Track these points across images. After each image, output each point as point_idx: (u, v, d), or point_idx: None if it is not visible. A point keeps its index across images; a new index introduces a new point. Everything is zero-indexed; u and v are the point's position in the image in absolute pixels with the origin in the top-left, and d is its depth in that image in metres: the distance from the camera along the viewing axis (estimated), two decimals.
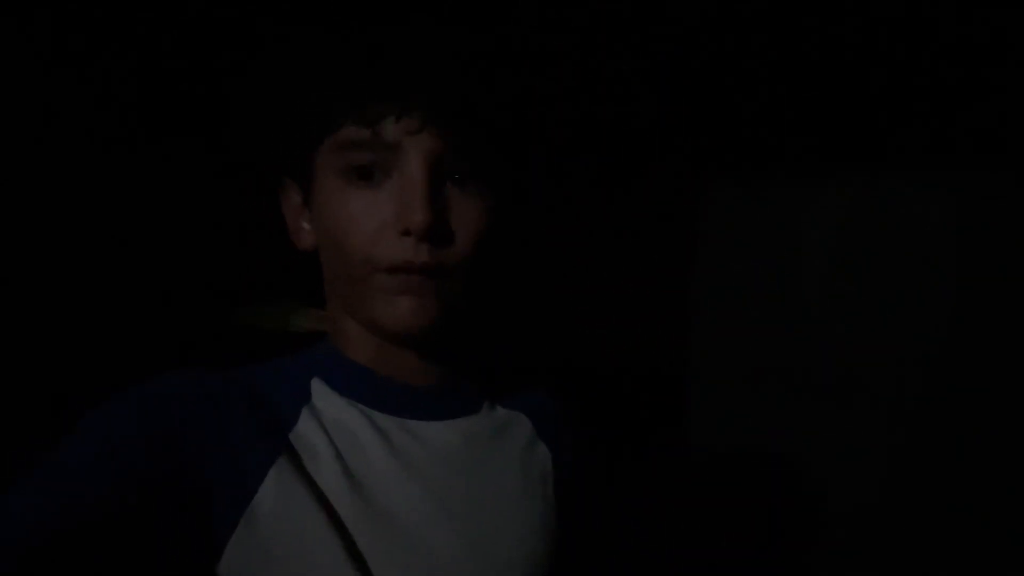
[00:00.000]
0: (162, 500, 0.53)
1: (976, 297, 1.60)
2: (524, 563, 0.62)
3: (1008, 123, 1.54)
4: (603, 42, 1.69)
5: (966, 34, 1.54)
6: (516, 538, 0.63)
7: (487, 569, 0.60)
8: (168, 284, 1.26)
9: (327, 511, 0.56)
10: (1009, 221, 1.58)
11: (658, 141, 1.84)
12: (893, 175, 1.68)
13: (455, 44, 0.61)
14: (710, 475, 1.86)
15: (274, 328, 1.52)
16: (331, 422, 0.61)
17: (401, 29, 0.60)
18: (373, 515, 0.58)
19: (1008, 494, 1.54)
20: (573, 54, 1.64)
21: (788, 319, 1.77)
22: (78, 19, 1.06)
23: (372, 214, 0.59)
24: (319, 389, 0.64)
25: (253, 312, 1.55)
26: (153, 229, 1.20)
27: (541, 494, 0.67)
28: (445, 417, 0.66)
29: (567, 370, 1.74)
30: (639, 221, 1.89)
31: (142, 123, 1.17)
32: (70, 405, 0.57)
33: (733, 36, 1.71)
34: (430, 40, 0.60)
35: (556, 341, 1.83)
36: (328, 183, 0.61)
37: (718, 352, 1.85)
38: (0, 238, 1.02)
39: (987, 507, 1.55)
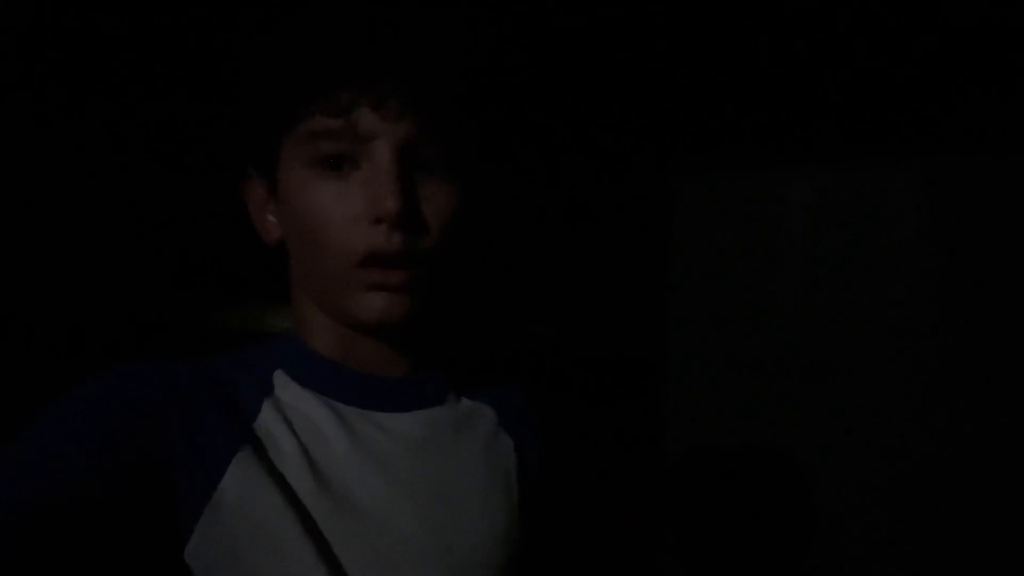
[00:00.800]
0: (125, 488, 0.54)
1: (950, 283, 1.62)
2: (488, 553, 0.62)
3: (978, 111, 1.57)
4: (575, 32, 1.69)
5: (932, 24, 1.56)
6: (479, 528, 0.63)
7: (451, 558, 0.60)
8: (141, 285, 1.24)
9: (291, 501, 0.57)
10: (980, 208, 1.60)
11: (632, 132, 1.85)
12: (865, 164, 1.71)
13: (425, 30, 0.60)
14: (688, 464, 1.87)
15: (249, 328, 1.51)
16: (294, 413, 0.61)
17: (370, 15, 0.59)
18: (337, 505, 0.58)
19: (991, 478, 1.56)
20: (547, 44, 1.64)
21: (764, 308, 1.79)
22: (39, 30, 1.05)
23: (343, 205, 0.58)
24: (282, 381, 0.64)
25: (228, 313, 1.54)
26: (123, 228, 1.19)
27: (504, 486, 0.67)
28: (410, 408, 0.66)
29: (545, 361, 1.75)
30: (615, 213, 1.89)
31: (100, 116, 1.15)
32: (39, 405, 0.57)
33: (705, 31, 1.72)
34: (401, 26, 0.59)
35: (532, 333, 1.84)
36: (295, 174, 0.60)
37: (696, 342, 1.86)
38: None
39: (972, 493, 1.58)
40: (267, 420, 0.61)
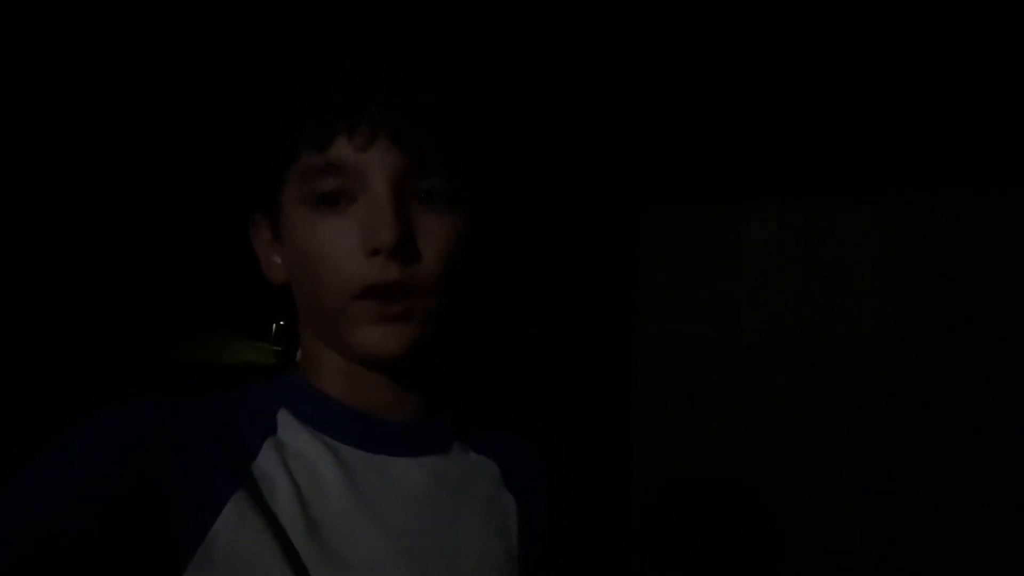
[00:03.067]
0: (121, 528, 0.53)
1: (914, 310, 1.68)
2: None
3: (941, 138, 1.63)
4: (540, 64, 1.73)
5: (894, 53, 1.63)
6: None
7: None
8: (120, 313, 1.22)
9: (283, 549, 0.56)
10: (946, 236, 1.66)
11: (598, 166, 1.89)
12: (827, 196, 1.77)
13: (412, 63, 0.61)
14: (655, 495, 1.89)
15: (210, 359, 1.50)
16: (293, 456, 0.61)
17: (355, 50, 0.60)
18: (328, 555, 0.57)
19: (964, 507, 1.61)
20: (514, 76, 1.67)
21: (728, 341, 1.82)
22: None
23: (340, 240, 0.58)
24: (285, 420, 0.63)
25: (191, 344, 1.52)
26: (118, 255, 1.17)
27: (504, 546, 0.67)
28: (414, 454, 0.65)
29: (512, 394, 1.75)
30: (581, 246, 1.92)
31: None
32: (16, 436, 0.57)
33: (675, 60, 1.77)
34: (387, 60, 0.60)
35: (502, 365, 1.84)
36: (295, 214, 0.61)
37: (661, 374, 1.88)
38: None
39: (942, 519, 1.62)
40: (266, 461, 0.60)
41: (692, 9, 1.67)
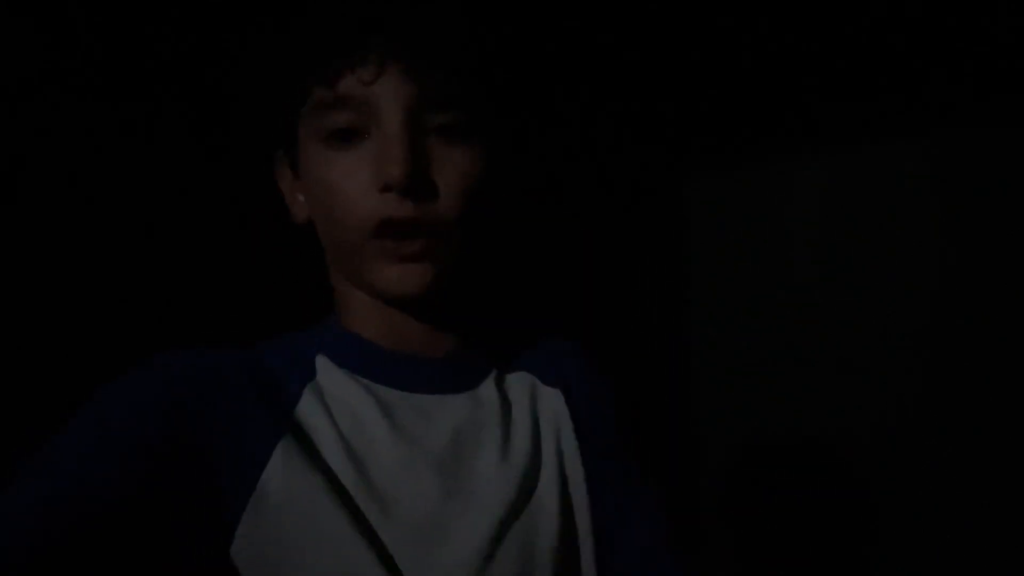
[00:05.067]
0: (165, 484, 0.53)
1: (965, 265, 1.61)
2: (534, 538, 0.60)
3: (983, 82, 1.54)
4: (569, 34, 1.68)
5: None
6: (528, 510, 0.61)
7: (495, 545, 0.58)
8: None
9: (334, 491, 0.55)
10: (990, 183, 1.58)
11: (638, 132, 1.84)
12: (872, 148, 1.70)
13: None
14: (717, 461, 1.86)
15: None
16: (333, 399, 0.61)
17: None
18: (378, 493, 0.57)
19: (1013, 464, 1.54)
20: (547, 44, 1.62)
21: (782, 302, 1.78)
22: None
23: (354, 176, 0.57)
24: (324, 365, 0.63)
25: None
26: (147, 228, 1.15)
27: (556, 447, 0.65)
28: (453, 390, 0.64)
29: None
30: (626, 213, 1.89)
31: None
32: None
33: (705, 23, 1.71)
34: None
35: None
36: (311, 151, 0.60)
37: (718, 341, 1.85)
38: None
39: (996, 481, 1.55)
40: (307, 407, 0.60)
41: None
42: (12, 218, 0.99)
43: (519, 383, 0.69)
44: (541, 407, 0.68)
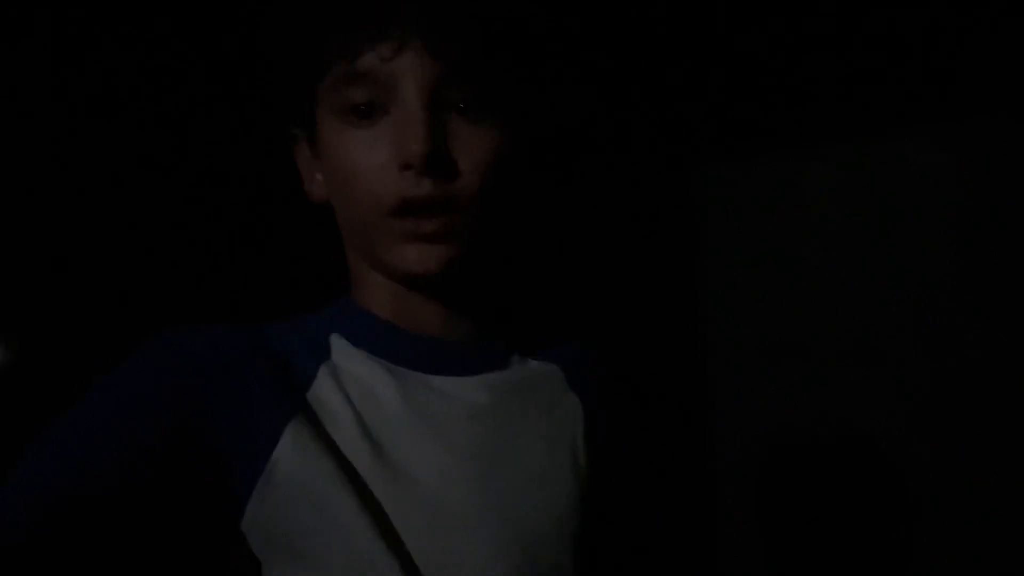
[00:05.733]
0: (181, 458, 0.53)
1: (982, 253, 1.59)
2: (550, 523, 0.60)
3: (1002, 73, 1.52)
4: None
5: None
6: (542, 496, 0.61)
7: (511, 529, 0.58)
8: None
9: (346, 470, 0.55)
10: (1006, 177, 1.56)
11: (651, 126, 1.83)
12: (887, 142, 1.68)
13: None
14: (736, 453, 1.85)
15: None
16: (349, 379, 0.60)
17: None
18: (392, 474, 0.56)
19: None
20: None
21: (798, 296, 1.77)
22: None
23: (372, 154, 0.56)
24: (339, 345, 0.62)
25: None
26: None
27: (570, 450, 0.64)
28: (471, 372, 0.63)
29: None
30: (641, 207, 1.87)
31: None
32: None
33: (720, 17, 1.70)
34: None
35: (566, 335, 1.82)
36: (329, 128, 0.59)
37: (734, 331, 1.84)
38: None
39: (1015, 471, 1.54)
40: (322, 386, 0.59)
41: None
42: (24, 187, 0.99)
43: (538, 373, 0.68)
44: (558, 402, 0.67)
